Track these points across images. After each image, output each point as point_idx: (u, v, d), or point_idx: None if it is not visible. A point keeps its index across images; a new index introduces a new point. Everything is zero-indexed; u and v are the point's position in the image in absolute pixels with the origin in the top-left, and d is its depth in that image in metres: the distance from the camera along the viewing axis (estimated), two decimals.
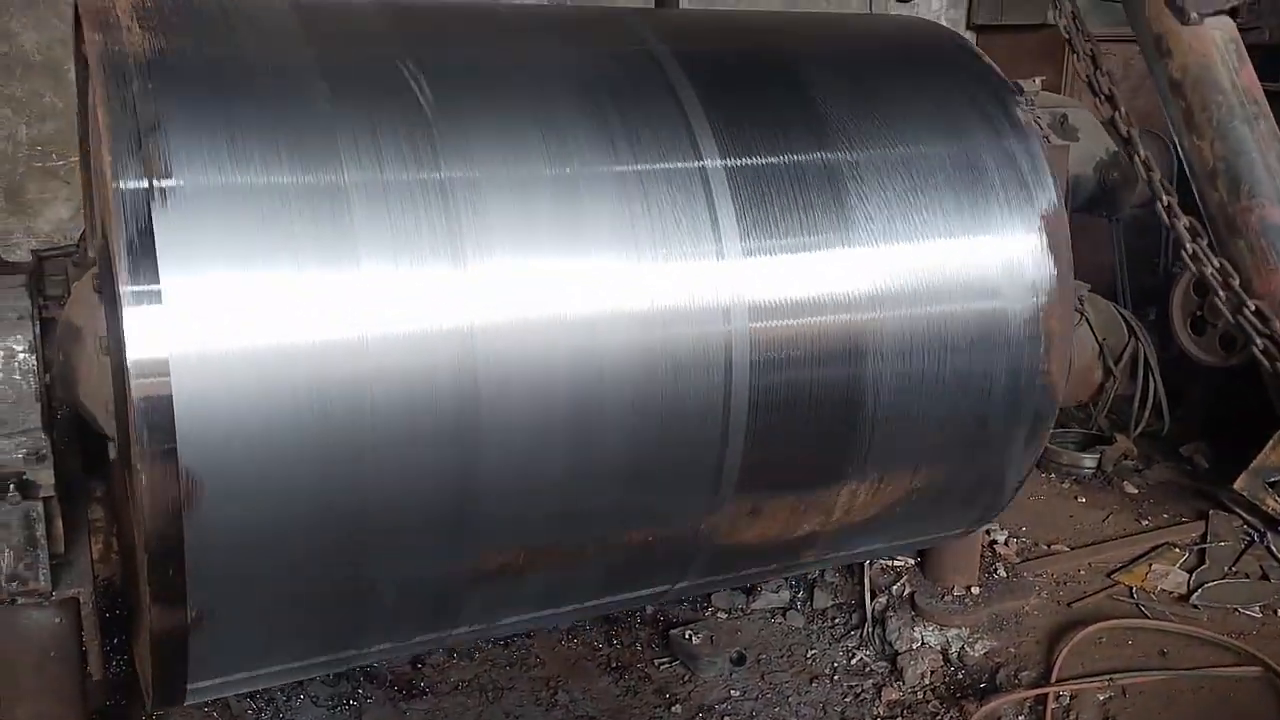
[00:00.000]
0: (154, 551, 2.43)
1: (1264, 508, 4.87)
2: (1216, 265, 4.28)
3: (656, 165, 2.94)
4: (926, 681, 4.11)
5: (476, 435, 2.69)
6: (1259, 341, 4.07)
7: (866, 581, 4.48)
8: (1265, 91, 4.67)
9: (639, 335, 2.86)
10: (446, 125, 2.76)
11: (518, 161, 2.81)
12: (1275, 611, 4.30)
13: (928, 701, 4.03)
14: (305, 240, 2.52)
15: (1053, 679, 3.87)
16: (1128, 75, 7.20)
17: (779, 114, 3.19)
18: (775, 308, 3.02)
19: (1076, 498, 5.33)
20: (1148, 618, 4.24)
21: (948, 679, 4.11)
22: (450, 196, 2.69)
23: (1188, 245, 3.82)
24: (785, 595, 4.69)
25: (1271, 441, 4.95)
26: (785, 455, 3.17)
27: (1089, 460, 5.56)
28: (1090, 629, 4.06)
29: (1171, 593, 4.44)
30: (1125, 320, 5.79)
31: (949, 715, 3.93)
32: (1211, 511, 5.03)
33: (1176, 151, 5.97)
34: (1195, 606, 4.33)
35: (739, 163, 3.04)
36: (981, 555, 4.65)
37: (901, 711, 4.02)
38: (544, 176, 2.81)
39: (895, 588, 4.42)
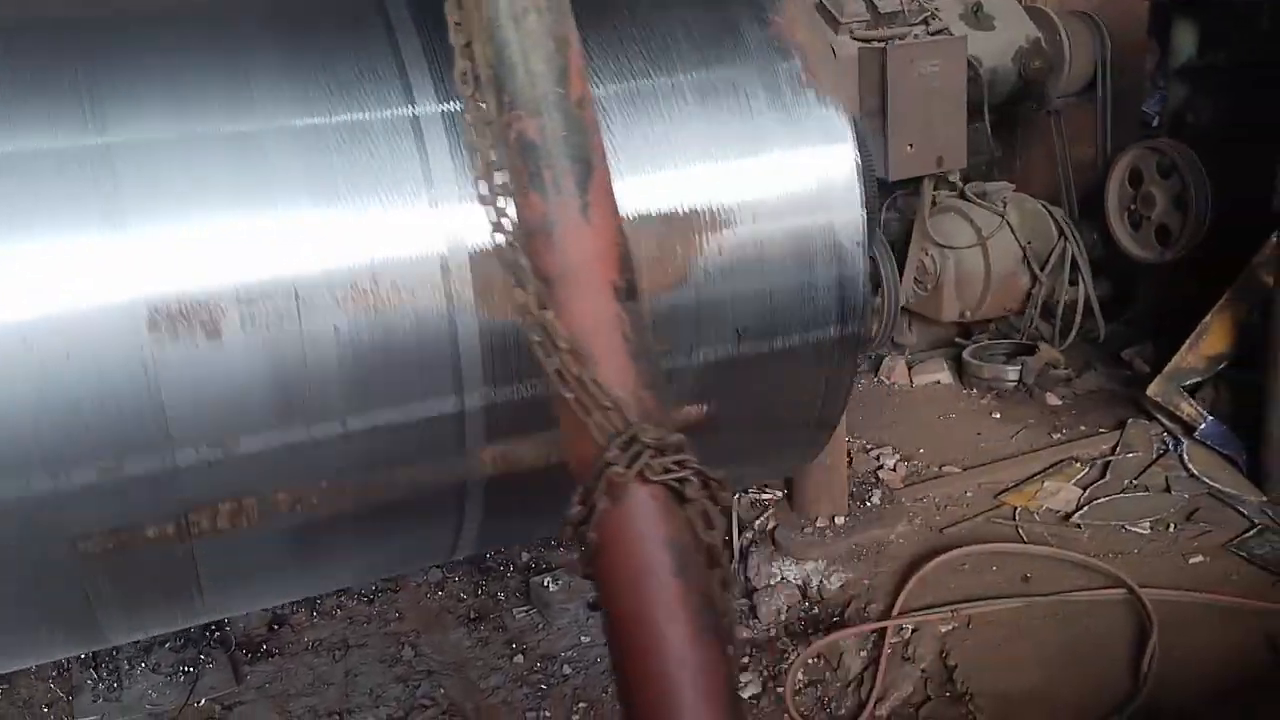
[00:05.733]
0: None
1: (1179, 414, 4.52)
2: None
3: (362, 115, 2.77)
4: (781, 618, 3.95)
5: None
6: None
7: (734, 516, 4.30)
8: None
9: (351, 292, 2.72)
10: (106, 81, 2.63)
11: (195, 118, 2.67)
12: (1167, 527, 4.00)
13: (778, 639, 3.87)
14: None
15: (895, 611, 3.66)
16: None
17: None
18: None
19: (992, 413, 5.03)
20: (1024, 541, 3.98)
21: (803, 615, 3.94)
22: (110, 163, 2.57)
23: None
24: None
25: (1187, 343, 4.59)
26: (536, 399, 3.01)
27: (1011, 372, 5.23)
28: (942, 558, 3.82)
29: (1059, 512, 4.16)
30: (1054, 219, 5.44)
31: (798, 652, 3.76)
32: (1130, 420, 4.69)
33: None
34: (1078, 526, 4.05)
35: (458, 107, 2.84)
36: (863, 482, 4.43)
37: (751, 650, 3.87)
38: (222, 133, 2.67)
39: (759, 521, 4.24)
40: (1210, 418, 4.43)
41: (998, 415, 5.01)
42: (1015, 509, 4.19)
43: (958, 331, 5.84)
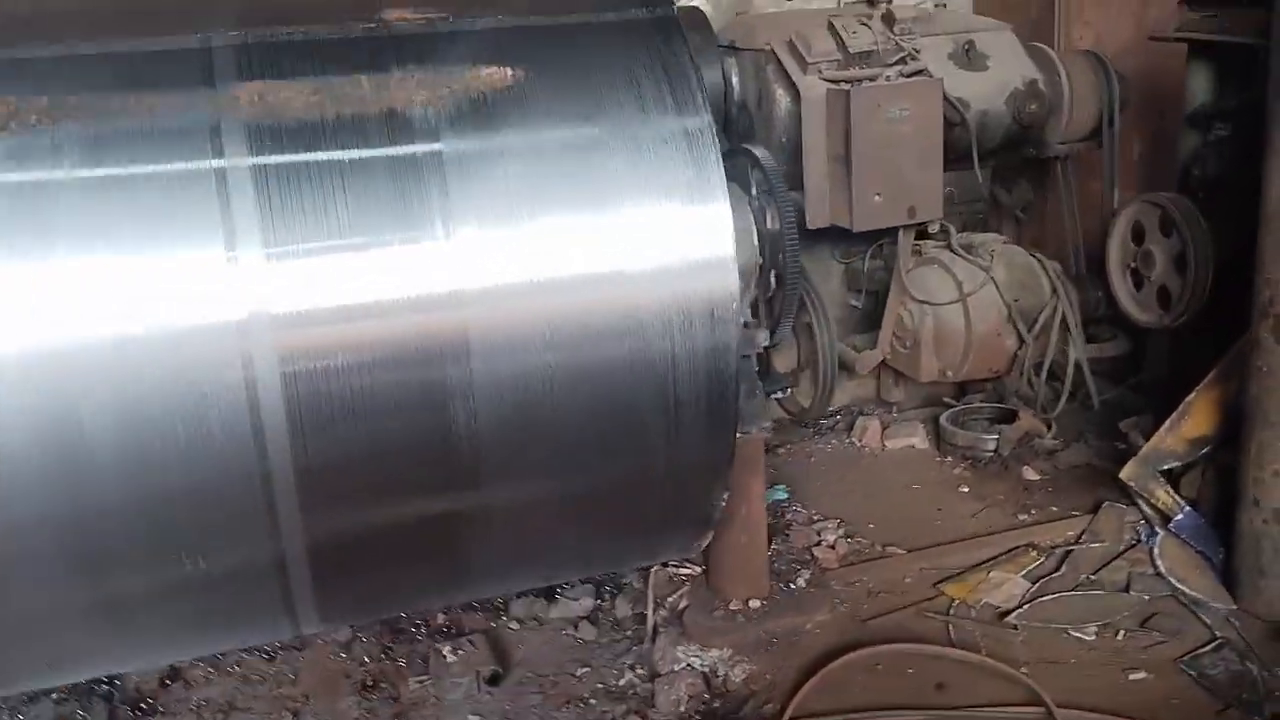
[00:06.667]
0: None
1: (1155, 502, 4.08)
2: None
3: (156, 167, 2.58)
4: (680, 709, 3.63)
5: None
6: None
7: (649, 591, 4.02)
8: None
9: (129, 367, 2.53)
10: None
11: None
12: (1116, 633, 3.59)
13: None
14: None
15: (787, 715, 3.33)
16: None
17: (350, 100, 2.75)
18: (312, 315, 2.63)
19: (960, 486, 4.64)
20: (951, 640, 3.61)
21: (702, 708, 3.62)
22: None
23: None
24: (588, 603, 4.27)
25: (1168, 423, 4.14)
26: (357, 482, 2.79)
27: (989, 441, 4.83)
28: (851, 656, 3.47)
29: (998, 608, 3.77)
30: (1049, 275, 5.04)
31: None
32: (1106, 504, 4.26)
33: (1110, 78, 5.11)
34: (1014, 626, 3.66)
35: (275, 160, 2.63)
36: (795, 560, 4.10)
37: None
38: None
39: (673, 599, 3.94)
40: (1187, 508, 3.99)
41: (966, 489, 4.62)
42: (953, 601, 3.82)
43: (952, 390, 5.46)
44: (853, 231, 4.62)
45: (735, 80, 5.03)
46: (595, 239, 2.82)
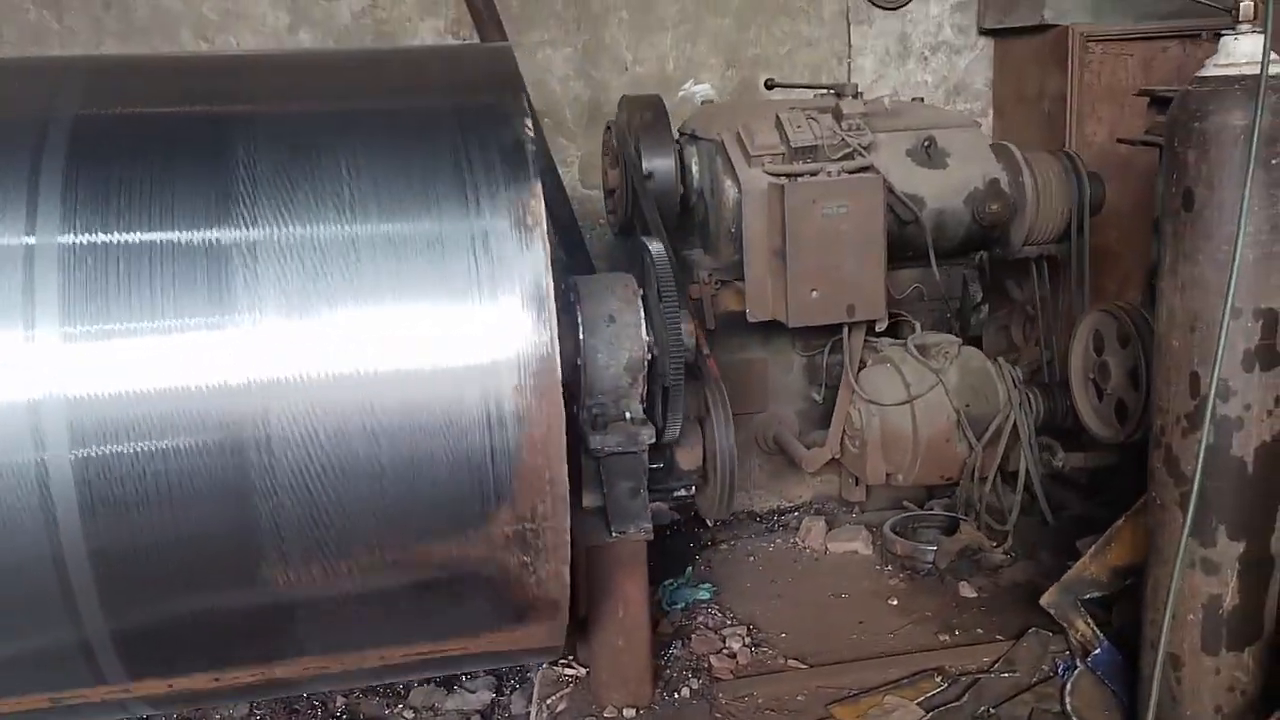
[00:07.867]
0: None
1: (1071, 632, 3.81)
2: None
3: None
4: None
5: None
6: None
7: (535, 692, 3.89)
8: None
9: None
10: None
11: None
12: None
13: None
14: None
15: None
16: (1148, 77, 6.03)
17: (172, 184, 2.77)
18: (105, 397, 2.63)
19: (891, 598, 4.41)
20: None
21: None
22: None
23: None
24: (486, 696, 4.18)
25: (1093, 549, 3.89)
26: (158, 569, 2.76)
27: (929, 552, 4.60)
28: None
29: None
30: (1005, 383, 4.81)
31: None
32: (1032, 630, 3.99)
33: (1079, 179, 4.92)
34: None
35: (82, 240, 2.66)
36: (692, 667, 3.93)
37: None
38: None
39: (552, 700, 3.80)
40: (1106, 643, 3.71)
41: (895, 601, 4.39)
42: None
43: (916, 493, 5.24)
44: (788, 327, 4.50)
45: (695, 169, 4.98)
46: (406, 334, 2.76)
